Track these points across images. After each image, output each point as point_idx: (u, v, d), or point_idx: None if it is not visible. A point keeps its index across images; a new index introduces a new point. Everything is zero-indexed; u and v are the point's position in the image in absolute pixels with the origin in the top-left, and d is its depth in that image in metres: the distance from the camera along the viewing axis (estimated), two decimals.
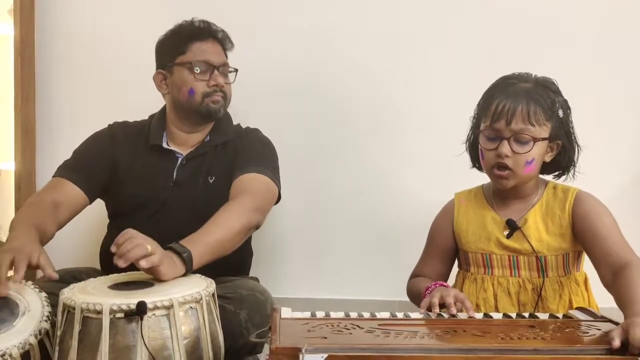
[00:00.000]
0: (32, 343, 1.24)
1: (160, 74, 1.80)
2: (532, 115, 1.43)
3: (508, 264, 1.53)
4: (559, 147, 1.51)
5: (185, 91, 1.75)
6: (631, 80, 2.09)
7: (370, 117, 2.16)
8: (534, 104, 1.44)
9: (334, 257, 2.18)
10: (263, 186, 1.70)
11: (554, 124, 1.47)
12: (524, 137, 1.44)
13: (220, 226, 1.52)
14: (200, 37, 1.77)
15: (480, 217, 1.58)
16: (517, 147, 1.45)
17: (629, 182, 2.09)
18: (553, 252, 1.50)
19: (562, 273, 1.52)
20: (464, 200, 1.64)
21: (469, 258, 1.59)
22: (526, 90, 1.46)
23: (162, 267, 1.34)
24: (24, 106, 2.17)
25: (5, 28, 2.20)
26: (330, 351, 1.03)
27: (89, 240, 2.10)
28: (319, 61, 2.17)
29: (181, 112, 1.80)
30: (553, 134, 1.48)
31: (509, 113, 1.44)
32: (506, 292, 1.52)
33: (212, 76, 1.75)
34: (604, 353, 1.07)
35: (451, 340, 1.15)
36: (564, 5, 2.09)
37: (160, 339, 1.21)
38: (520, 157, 1.45)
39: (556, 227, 1.51)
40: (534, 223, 1.52)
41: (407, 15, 2.14)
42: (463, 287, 1.58)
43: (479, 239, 1.56)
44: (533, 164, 1.47)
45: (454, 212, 1.63)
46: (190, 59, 1.75)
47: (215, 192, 1.71)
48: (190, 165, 1.79)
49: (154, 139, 1.81)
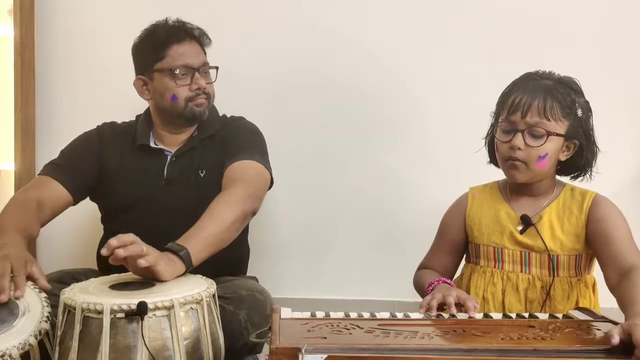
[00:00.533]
0: (32, 343, 1.24)
1: (140, 80, 1.78)
2: (549, 109, 1.44)
3: (519, 260, 1.53)
4: (575, 147, 1.51)
5: (168, 97, 1.74)
6: (632, 80, 2.09)
7: (370, 117, 2.16)
8: (551, 99, 1.45)
9: (334, 257, 2.18)
10: (254, 172, 1.69)
11: (571, 122, 1.47)
12: (538, 131, 1.45)
13: (214, 219, 1.51)
14: (177, 39, 1.74)
15: (495, 210, 1.58)
16: (530, 140, 1.46)
17: (630, 183, 2.09)
18: (566, 252, 1.50)
19: (573, 274, 1.51)
20: (477, 193, 1.65)
21: (480, 251, 1.59)
22: (546, 86, 1.47)
23: (159, 268, 1.33)
24: (24, 106, 2.17)
25: (5, 28, 2.20)
26: (329, 351, 1.03)
27: (87, 241, 2.10)
28: (322, 58, 2.16)
29: (165, 117, 1.79)
30: (570, 132, 1.48)
31: (525, 106, 1.45)
32: (515, 287, 1.52)
33: (193, 79, 1.74)
34: (604, 353, 1.07)
35: (451, 340, 1.15)
36: (564, 5, 2.09)
37: (161, 340, 1.21)
38: (533, 150, 1.46)
39: (572, 226, 1.51)
40: (549, 221, 1.52)
41: (410, 13, 2.13)
42: (471, 280, 1.58)
43: (492, 232, 1.56)
44: (546, 159, 1.47)
45: (467, 205, 1.63)
46: (169, 64, 1.72)
47: (207, 186, 1.70)
48: (180, 161, 1.79)
49: (141, 139, 1.80)
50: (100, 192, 1.81)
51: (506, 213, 1.57)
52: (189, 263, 1.40)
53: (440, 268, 1.62)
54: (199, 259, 1.43)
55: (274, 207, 2.05)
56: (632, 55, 2.08)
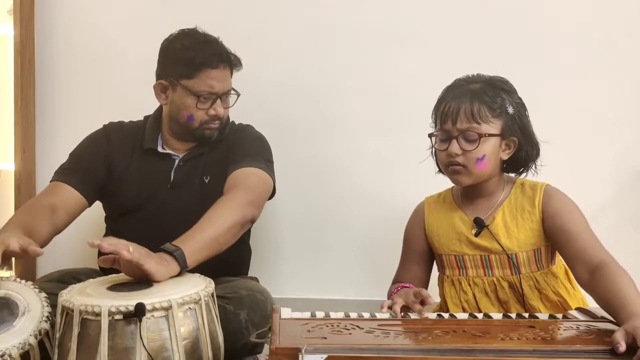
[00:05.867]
0: (31, 343, 1.24)
1: (161, 85, 1.77)
2: (477, 113, 1.47)
3: (481, 264, 1.54)
4: (515, 144, 1.52)
5: (184, 115, 1.74)
6: (632, 81, 2.08)
7: (370, 117, 2.16)
8: (477, 103, 1.47)
9: (334, 257, 2.18)
10: (256, 179, 1.69)
11: (504, 121, 1.49)
12: (470, 135, 1.47)
13: (212, 222, 1.50)
14: (212, 64, 1.72)
15: (450, 218, 1.60)
16: (465, 145, 1.48)
17: (627, 182, 2.09)
18: (524, 249, 1.51)
19: (535, 269, 1.52)
20: (432, 203, 1.67)
21: (444, 260, 1.60)
22: (472, 90, 1.50)
23: (148, 267, 1.31)
24: (24, 106, 2.17)
25: (5, 28, 2.20)
26: (330, 351, 1.03)
27: (88, 241, 2.09)
28: (319, 61, 2.17)
29: (175, 128, 1.80)
30: (505, 131, 1.50)
31: (454, 113, 1.48)
32: (483, 292, 1.53)
33: (213, 105, 1.74)
34: (604, 353, 1.07)
35: (451, 340, 1.14)
36: (564, 5, 2.09)
37: (159, 340, 1.21)
38: (470, 154, 1.48)
39: (526, 222, 1.52)
40: (502, 220, 1.53)
41: (408, 15, 2.14)
42: (444, 290, 1.59)
43: (450, 240, 1.57)
44: (485, 160, 1.49)
45: (425, 216, 1.65)
46: (197, 87, 1.71)
47: (211, 192, 1.70)
48: (186, 166, 1.79)
49: (148, 142, 1.80)
50: (107, 192, 1.81)
51: (460, 219, 1.58)
52: (183, 263, 1.39)
53: (411, 280, 1.61)
54: (194, 261, 1.42)
55: (274, 207, 2.04)
56: (633, 55, 2.08)
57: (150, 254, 1.35)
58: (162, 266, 1.35)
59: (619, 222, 1.66)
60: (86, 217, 1.83)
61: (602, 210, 1.49)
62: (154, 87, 1.78)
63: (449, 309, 1.55)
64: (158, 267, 1.33)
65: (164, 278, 1.34)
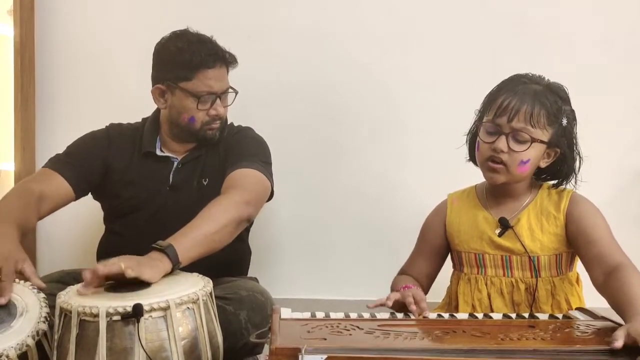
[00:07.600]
0: (29, 344, 1.24)
1: (159, 89, 1.76)
2: (536, 116, 1.43)
3: (501, 264, 1.53)
4: (556, 155, 1.50)
5: (185, 117, 1.74)
6: (632, 81, 2.08)
7: (370, 117, 2.16)
8: (539, 106, 1.43)
9: (333, 258, 2.18)
10: (253, 180, 1.68)
11: (555, 130, 1.47)
12: (522, 136, 1.44)
13: (206, 220, 1.49)
14: (208, 64, 1.71)
15: (473, 216, 1.58)
16: (514, 145, 1.45)
17: (628, 185, 2.09)
18: (546, 252, 1.50)
19: (554, 273, 1.51)
20: (456, 200, 1.65)
21: (462, 258, 1.58)
22: (535, 91, 1.46)
23: (146, 277, 1.29)
24: (24, 106, 2.17)
25: (5, 28, 2.21)
26: (329, 352, 1.03)
27: (87, 241, 2.10)
28: (319, 61, 2.17)
29: (175, 131, 1.79)
30: (553, 140, 1.47)
31: (513, 110, 1.44)
32: (499, 292, 1.52)
33: (213, 105, 1.73)
34: (604, 353, 1.06)
35: (451, 341, 1.14)
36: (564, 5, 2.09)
37: (158, 341, 1.21)
38: (515, 155, 1.45)
39: (551, 227, 1.51)
40: (527, 222, 1.52)
41: (408, 15, 2.14)
42: (458, 287, 1.58)
43: (472, 238, 1.56)
44: (528, 164, 1.46)
45: (447, 212, 1.63)
46: (196, 88, 1.70)
47: (210, 194, 1.68)
48: (185, 168, 1.79)
49: (146, 146, 1.80)
50: (106, 193, 1.80)
51: (484, 218, 1.56)
52: (174, 259, 1.37)
53: (417, 275, 1.61)
54: (188, 257, 1.40)
55: (274, 207, 2.04)
56: (633, 56, 2.08)
57: (140, 262, 1.31)
58: (154, 269, 1.32)
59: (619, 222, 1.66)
60: (86, 217, 1.84)
61: (602, 210, 1.49)
62: (152, 92, 1.77)
63: (459, 306, 1.54)
64: (151, 271, 1.31)
65: (158, 277, 1.32)
